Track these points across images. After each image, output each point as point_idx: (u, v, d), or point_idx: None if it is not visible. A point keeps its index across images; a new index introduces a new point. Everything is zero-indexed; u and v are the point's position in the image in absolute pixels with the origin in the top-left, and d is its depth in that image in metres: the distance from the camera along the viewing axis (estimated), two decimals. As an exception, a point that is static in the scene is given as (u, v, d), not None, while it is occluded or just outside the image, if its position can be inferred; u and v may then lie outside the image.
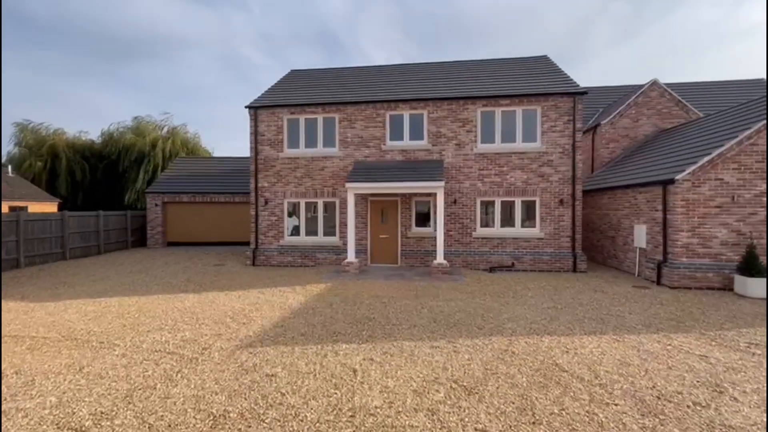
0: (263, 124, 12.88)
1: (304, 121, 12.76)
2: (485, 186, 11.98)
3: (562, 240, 11.69)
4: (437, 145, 12.15)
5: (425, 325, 6.39)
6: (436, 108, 12.13)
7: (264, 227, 12.91)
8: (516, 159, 11.85)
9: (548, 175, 11.73)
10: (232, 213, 18.34)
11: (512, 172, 11.87)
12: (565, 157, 11.67)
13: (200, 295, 8.58)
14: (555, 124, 11.69)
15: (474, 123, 12.01)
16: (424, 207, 12.41)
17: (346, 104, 12.45)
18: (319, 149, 12.69)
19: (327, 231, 12.75)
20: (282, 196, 12.83)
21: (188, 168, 20.32)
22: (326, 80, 14.81)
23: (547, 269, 11.62)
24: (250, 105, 12.89)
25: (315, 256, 12.59)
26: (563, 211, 11.68)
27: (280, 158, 12.81)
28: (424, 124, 12.24)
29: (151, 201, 18.26)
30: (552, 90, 11.79)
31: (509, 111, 11.93)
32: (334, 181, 12.57)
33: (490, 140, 12.03)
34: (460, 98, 12.00)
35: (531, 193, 11.79)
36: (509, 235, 11.88)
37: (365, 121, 12.43)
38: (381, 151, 12.37)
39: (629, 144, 15.55)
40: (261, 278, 10.57)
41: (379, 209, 12.51)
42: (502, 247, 11.93)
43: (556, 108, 11.67)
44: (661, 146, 12.73)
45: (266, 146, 12.89)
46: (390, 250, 12.45)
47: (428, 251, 12.18)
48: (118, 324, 6.50)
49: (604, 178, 13.52)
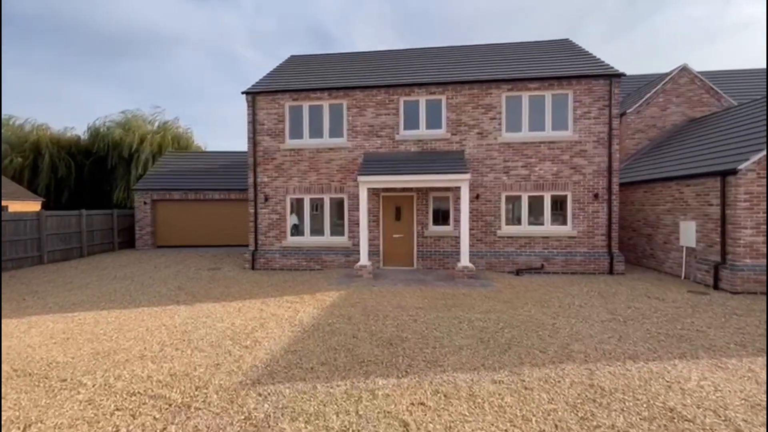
0: (262, 111, 11.57)
1: (309, 108, 11.47)
2: (511, 179, 10.79)
3: (597, 238, 10.54)
4: (457, 134, 10.94)
5: (472, 347, 5.18)
6: (456, 93, 10.91)
7: (264, 227, 11.62)
8: (545, 149, 10.67)
9: (581, 166, 10.57)
10: (227, 211, 17.00)
11: (541, 163, 10.69)
12: (600, 147, 10.51)
13: (193, 308, 7.30)
14: (589, 109, 10.52)
15: (498, 109, 10.80)
16: (442, 203, 11.20)
17: (355, 89, 11.17)
18: (325, 140, 11.42)
19: (334, 230, 11.50)
20: (284, 192, 11.54)
21: (179, 163, 18.90)
22: (331, 65, 13.51)
23: (581, 271, 10.48)
24: (247, 90, 11.56)
25: (321, 259, 11.34)
26: (598, 207, 10.53)
27: (282, 150, 11.51)
28: (443, 111, 11.01)
29: (140, 199, 16.85)
30: (586, 72, 10.61)
31: (537, 96, 10.74)
32: (342, 175, 11.31)
33: (516, 128, 10.83)
34: (483, 81, 10.78)
35: (562, 186, 10.62)
36: (538, 234, 10.71)
37: (377, 108, 11.16)
38: (394, 142, 11.13)
39: (657, 134, 14.46)
40: (262, 285, 9.30)
41: (392, 206, 11.28)
42: (530, 246, 10.76)
43: (590, 92, 10.50)
44: (700, 135, 11.61)
45: (266, 136, 11.58)
46: (405, 252, 11.23)
47: (447, 252, 10.98)
48: (89, 350, 5.21)
49: (636, 171, 12.40)
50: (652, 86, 15.04)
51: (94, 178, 29.27)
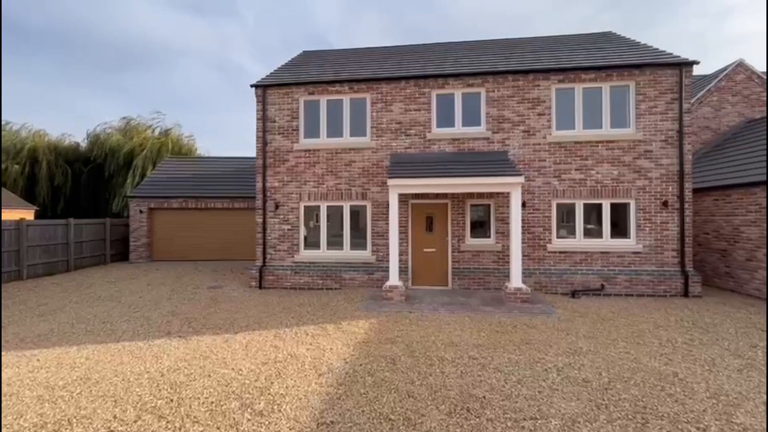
0: (273, 107, 10.12)
1: (326, 103, 10.02)
2: (563, 184, 9.24)
3: (667, 254, 8.93)
4: (499, 132, 9.44)
5: (590, 417, 3.55)
6: (498, 85, 9.45)
7: (274, 239, 10.07)
8: (603, 149, 9.14)
9: (647, 170, 9.02)
10: (231, 221, 15.48)
11: (598, 166, 9.15)
12: (668, 147, 8.98)
13: (188, 343, 5.70)
14: (654, 103, 9.02)
15: (547, 104, 9.32)
16: (481, 212, 9.65)
17: (381, 81, 9.74)
18: (345, 139, 9.94)
19: (355, 243, 9.93)
20: (297, 198, 10.02)
21: (179, 169, 17.46)
22: (349, 58, 12.13)
23: (649, 293, 8.84)
24: (257, 83, 10.14)
25: (340, 276, 9.74)
26: (667, 217, 8.95)
27: (295, 150, 10.03)
28: (482, 106, 9.53)
29: (135, 207, 15.36)
30: (650, 60, 9.15)
31: (593, 88, 9.26)
32: (365, 179, 9.79)
33: (569, 126, 9.33)
34: (530, 72, 9.32)
35: (624, 193, 9.06)
36: (596, 249, 9.11)
37: (405, 102, 9.71)
38: (425, 141, 9.63)
39: (712, 137, 12.95)
40: (274, 309, 7.70)
41: (423, 216, 9.73)
42: (587, 263, 9.14)
43: (655, 83, 9.01)
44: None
45: (277, 135, 10.11)
46: (437, 268, 9.63)
47: (488, 269, 9.37)
48: (32, 419, 3.62)
49: (694, 177, 10.84)
50: (701, 85, 13.60)
51: (92, 186, 27.95)
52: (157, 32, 62.45)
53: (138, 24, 67.09)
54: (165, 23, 65.14)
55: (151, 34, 62.96)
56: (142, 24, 66.12)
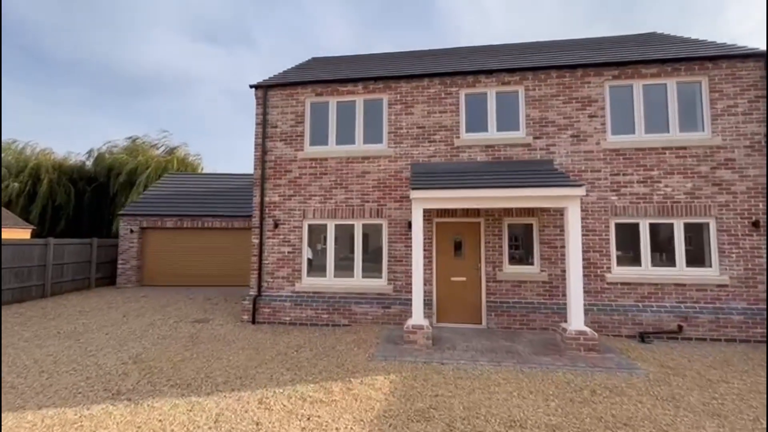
0: (275, 111, 8.78)
1: (336, 105, 8.64)
2: (623, 200, 7.56)
3: (761, 288, 7.08)
4: (542, 137, 7.88)
5: None
6: (539, 82, 7.97)
7: (272, 263, 8.48)
8: (672, 158, 7.50)
9: (729, 182, 7.32)
10: (230, 242, 14.00)
11: (667, 177, 7.48)
12: (755, 154, 7.30)
13: (136, 411, 4.04)
14: (734, 102, 7.42)
15: (600, 104, 7.79)
16: (521, 234, 7.97)
17: (400, 79, 8.35)
18: (357, 146, 8.48)
19: (368, 270, 8.28)
20: (300, 215, 8.49)
21: (177, 186, 16.20)
22: (365, 61, 10.87)
23: (741, 337, 6.93)
24: (258, 84, 8.86)
25: (350, 310, 8.04)
26: (759, 241, 7.16)
27: (299, 160, 8.59)
28: (520, 107, 8.03)
29: (126, 226, 14.00)
30: (724, 51, 7.63)
31: (656, 85, 7.72)
32: (381, 193, 8.25)
33: (628, 129, 7.74)
34: (577, 66, 7.85)
35: (701, 211, 7.33)
36: (668, 280, 7.31)
37: (429, 104, 8.27)
38: (452, 148, 8.11)
39: None
40: (265, 354, 6.01)
41: (450, 237, 8.08)
42: (657, 298, 7.32)
43: (733, 77, 7.45)
44: None
45: (279, 142, 8.71)
46: (468, 302, 7.88)
47: (531, 305, 7.59)
48: None
49: None
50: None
51: (95, 205, 26.98)
52: (174, 62, 63.77)
53: (157, 55, 68.70)
54: (183, 53, 66.62)
55: (168, 63, 64.27)
56: (160, 55, 67.68)
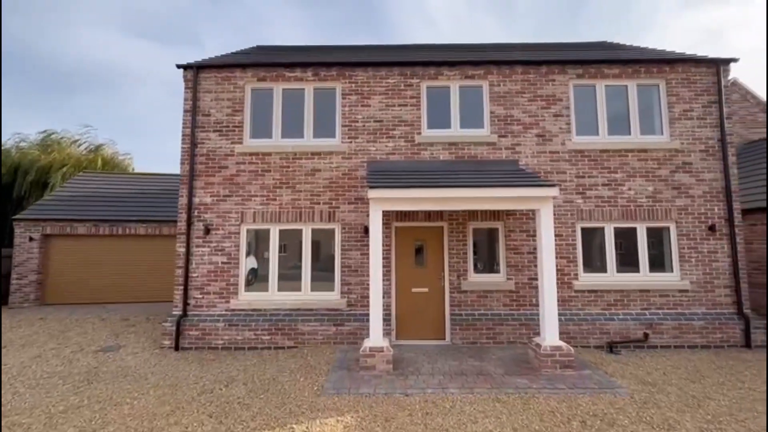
0: (208, 96, 7.48)
1: (282, 93, 7.54)
2: (588, 203, 7.24)
3: (719, 292, 7.04)
4: (507, 136, 7.38)
5: None
6: (504, 77, 7.49)
7: (201, 276, 7.12)
8: (634, 160, 7.32)
9: (687, 186, 7.27)
10: (157, 250, 12.14)
11: (630, 180, 7.29)
12: (710, 158, 7.33)
13: None
14: (690, 106, 7.43)
15: (565, 103, 7.46)
16: (486, 239, 7.37)
17: (356, 66, 7.46)
18: (307, 140, 7.43)
19: (318, 282, 7.21)
20: (237, 219, 7.23)
21: (94, 186, 13.89)
22: (317, 52, 9.85)
23: (702, 343, 6.81)
24: (187, 64, 7.51)
25: (296, 329, 6.90)
26: (716, 245, 7.14)
27: (237, 154, 7.35)
28: (485, 103, 7.49)
29: (23, 233, 11.61)
30: (680, 56, 7.66)
31: (618, 86, 7.55)
32: (333, 194, 7.25)
33: (591, 131, 7.48)
34: (543, 63, 7.48)
35: (662, 215, 7.19)
36: (633, 286, 7.05)
37: (388, 96, 7.46)
38: (413, 145, 7.36)
39: (714, 157, 11.82)
40: (184, 395, 4.72)
41: (410, 243, 7.27)
42: (623, 305, 7.03)
43: (689, 82, 7.47)
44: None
45: (212, 133, 7.41)
46: (431, 315, 7.10)
47: (498, 316, 6.98)
48: None
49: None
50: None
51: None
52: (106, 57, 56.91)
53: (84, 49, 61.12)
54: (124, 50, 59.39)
55: (97, 58, 57.29)
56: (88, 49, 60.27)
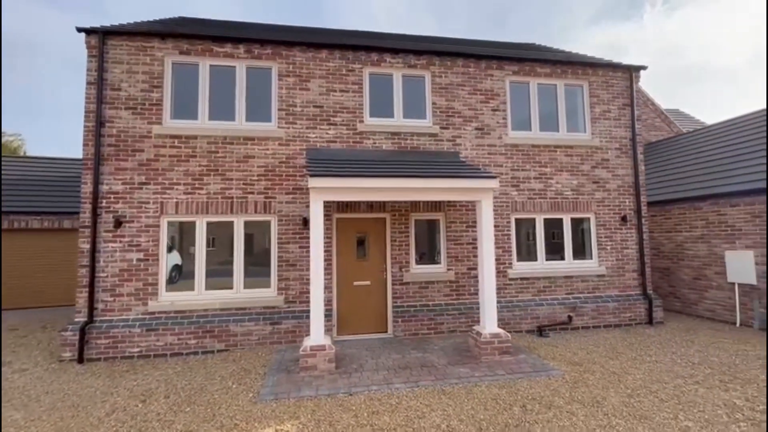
0: (119, 68, 6.45)
1: (210, 69, 6.76)
2: (522, 195, 7.60)
3: (628, 276, 7.87)
4: (449, 127, 7.43)
5: None
6: (446, 69, 7.51)
7: (112, 276, 6.17)
8: (562, 155, 7.83)
9: (605, 180, 7.96)
10: (59, 246, 10.46)
11: (558, 174, 7.78)
12: (623, 156, 8.09)
13: None
14: (608, 108, 8.12)
15: (502, 98, 7.70)
16: (427, 230, 7.40)
17: (293, 46, 6.94)
18: (239, 123, 6.77)
19: (253, 278, 6.67)
20: (157, 210, 6.38)
21: (-30, 170, 11.50)
22: (251, 28, 9.05)
23: (615, 322, 7.57)
24: (91, 28, 6.38)
25: (228, 330, 6.32)
26: (627, 234, 7.94)
27: (156, 136, 6.46)
28: (427, 93, 7.45)
29: None
30: (600, 61, 8.32)
31: (548, 85, 7.98)
32: (269, 183, 6.72)
33: (525, 126, 7.83)
34: (482, 57, 7.62)
35: (584, 206, 7.81)
36: (559, 273, 7.59)
37: (328, 80, 7.06)
38: (355, 133, 7.08)
39: (622, 156, 13.23)
40: (89, 418, 4.01)
41: (352, 236, 7.03)
42: (551, 291, 7.54)
43: (607, 85, 8.14)
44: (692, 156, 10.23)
45: (123, 111, 6.42)
46: (373, 308, 6.96)
47: (439, 307, 7.07)
48: None
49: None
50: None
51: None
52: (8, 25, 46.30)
53: None
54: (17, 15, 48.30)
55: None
56: None
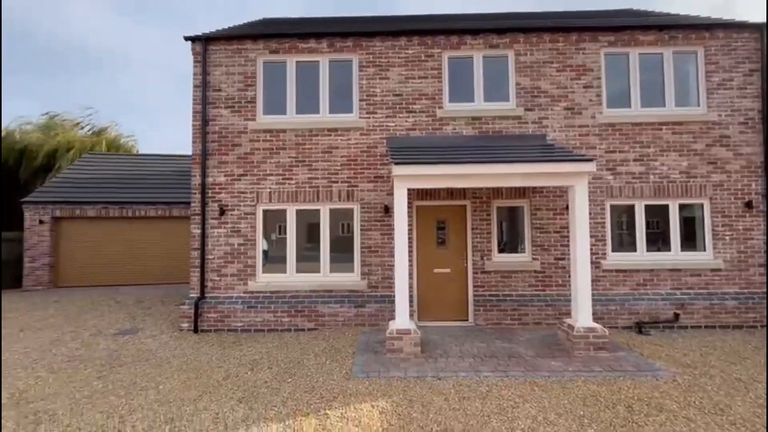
0: (219, 70, 7.12)
1: (296, 66, 7.16)
2: (619, 180, 6.92)
3: (753, 271, 6.78)
4: (534, 109, 7.00)
5: None
6: (531, 46, 7.05)
7: (218, 258, 6.95)
8: (668, 134, 6.94)
9: (724, 160, 6.90)
10: (168, 233, 12.02)
11: (663, 155, 6.93)
12: (749, 132, 6.93)
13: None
14: (730, 75, 6.97)
15: (596, 73, 7.03)
16: (510, 218, 7.11)
17: (373, 36, 7.04)
18: (322, 116, 7.10)
19: (337, 263, 7.02)
20: (253, 199, 7.00)
21: (101, 168, 13.71)
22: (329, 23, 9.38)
23: (735, 323, 6.60)
24: (195, 36, 7.12)
25: (316, 311, 6.76)
26: (752, 222, 6.84)
27: (251, 131, 7.05)
28: (510, 74, 7.08)
29: (33, 216, 11.50)
30: (721, 21, 7.16)
31: (652, 55, 7.08)
32: (351, 172, 6.98)
33: (623, 103, 7.07)
34: (572, 30, 7.01)
35: (697, 191, 6.87)
36: (663, 265, 6.80)
37: (407, 67, 7.06)
38: (434, 120, 7.00)
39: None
40: (209, 379, 4.60)
41: (432, 223, 7.03)
42: (653, 285, 6.81)
43: (729, 50, 6.99)
44: None
45: (224, 110, 7.10)
46: (453, 296, 6.92)
47: (524, 298, 6.79)
48: None
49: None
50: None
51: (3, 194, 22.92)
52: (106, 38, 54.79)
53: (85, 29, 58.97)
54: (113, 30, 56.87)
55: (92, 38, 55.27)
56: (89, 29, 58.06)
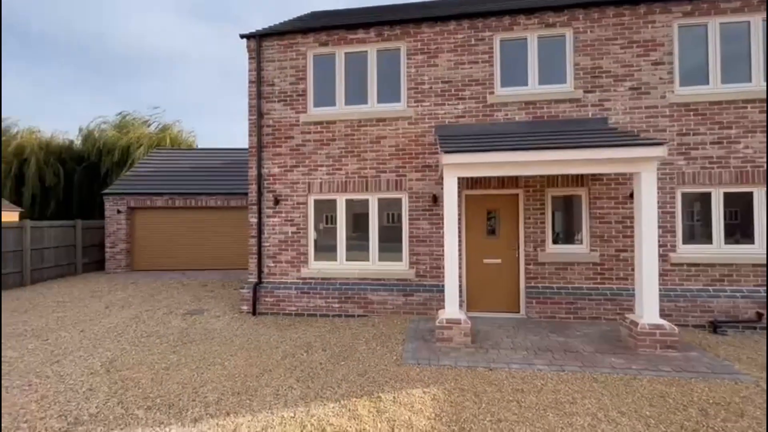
0: (272, 65, 7.40)
1: (345, 57, 7.25)
2: (692, 165, 6.30)
3: None
4: (595, 90, 6.54)
5: None
6: (592, 22, 6.56)
7: (273, 246, 7.32)
8: (755, 113, 6.18)
9: (824, 141, 6.05)
10: (227, 222, 12.84)
11: (747, 137, 6.20)
12: None
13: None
14: (835, 42, 6.05)
15: (667, 48, 6.40)
16: (566, 208, 6.76)
17: (421, 23, 6.93)
18: (371, 106, 7.15)
19: (386, 252, 7.12)
20: (305, 189, 7.27)
21: (167, 162, 14.89)
22: (376, 12, 9.36)
23: (833, 326, 5.84)
24: (250, 33, 7.44)
25: (366, 298, 6.93)
26: None
27: (302, 123, 7.29)
28: (568, 54, 6.65)
29: (112, 206, 12.79)
30: (825, -22, 6.20)
31: (735, 24, 6.31)
32: (400, 162, 6.99)
33: (700, 80, 6.39)
34: (641, 1, 6.42)
35: (788, 176, 6.09)
36: (744, 259, 6.14)
37: (456, 53, 6.88)
38: (485, 106, 6.79)
39: None
40: (269, 358, 4.92)
41: (482, 213, 6.88)
42: (732, 281, 6.18)
43: (835, 12, 6.04)
44: None
45: (277, 104, 7.38)
46: (504, 288, 6.76)
47: (580, 291, 6.46)
48: None
49: None
50: None
51: (87, 186, 25.68)
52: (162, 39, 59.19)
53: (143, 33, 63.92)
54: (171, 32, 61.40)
55: (154, 41, 59.81)
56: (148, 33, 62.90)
